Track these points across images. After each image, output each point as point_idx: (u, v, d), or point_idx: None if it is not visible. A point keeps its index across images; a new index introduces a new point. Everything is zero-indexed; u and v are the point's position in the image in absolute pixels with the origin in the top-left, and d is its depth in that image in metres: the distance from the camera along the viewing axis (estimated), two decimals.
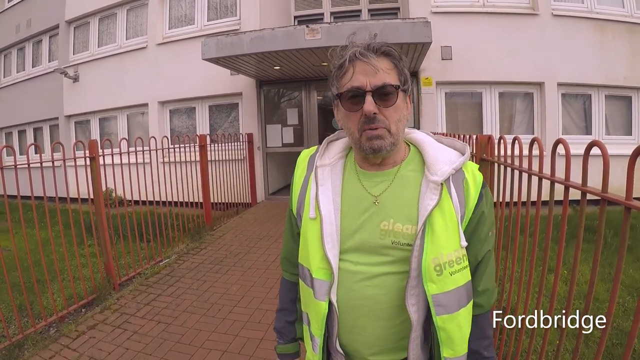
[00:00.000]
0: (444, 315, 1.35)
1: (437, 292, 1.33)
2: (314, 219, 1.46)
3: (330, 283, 1.43)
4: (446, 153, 1.49)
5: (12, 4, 16.43)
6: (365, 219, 1.43)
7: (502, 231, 3.60)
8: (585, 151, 2.07)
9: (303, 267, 1.55)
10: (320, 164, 1.54)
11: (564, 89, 10.36)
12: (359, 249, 1.43)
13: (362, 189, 1.47)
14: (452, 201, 1.37)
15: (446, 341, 1.37)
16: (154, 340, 4.43)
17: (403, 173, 1.48)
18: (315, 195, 1.48)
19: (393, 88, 1.37)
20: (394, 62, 1.42)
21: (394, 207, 1.42)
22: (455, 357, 1.39)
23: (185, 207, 8.02)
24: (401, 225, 1.38)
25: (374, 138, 1.36)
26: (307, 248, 1.49)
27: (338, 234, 1.44)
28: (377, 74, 1.36)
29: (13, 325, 4.80)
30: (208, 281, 5.97)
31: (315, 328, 1.51)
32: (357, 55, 1.38)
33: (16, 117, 16.04)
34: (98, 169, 5.67)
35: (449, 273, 1.34)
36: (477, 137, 4.13)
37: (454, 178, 1.41)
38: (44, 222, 5.56)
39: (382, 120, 1.36)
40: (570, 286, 2.34)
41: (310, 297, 1.52)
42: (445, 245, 1.34)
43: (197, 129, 12.39)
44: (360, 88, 1.35)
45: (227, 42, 8.57)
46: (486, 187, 1.49)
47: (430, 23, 7.71)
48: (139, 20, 13.08)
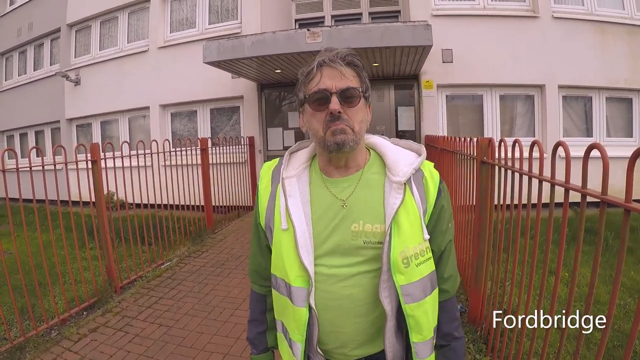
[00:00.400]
0: (412, 304, 1.47)
1: (405, 282, 1.46)
2: (287, 229, 1.53)
3: (308, 290, 1.50)
4: (405, 155, 1.60)
5: (13, 7, 16.44)
6: (337, 224, 1.52)
7: (502, 233, 3.61)
8: (585, 154, 2.09)
9: (277, 277, 1.61)
10: (286, 176, 1.61)
11: (565, 92, 10.35)
12: (333, 252, 1.51)
13: (330, 195, 1.56)
14: (414, 199, 1.51)
15: (415, 327, 1.50)
16: (155, 343, 4.44)
17: (367, 176, 1.58)
18: (285, 207, 1.54)
19: (356, 91, 1.48)
20: (357, 71, 1.53)
21: (362, 209, 1.52)
22: (423, 341, 1.53)
23: (186, 210, 8.02)
24: (371, 226, 1.49)
25: (338, 132, 1.45)
26: (282, 259, 1.55)
27: (311, 242, 1.52)
28: (342, 78, 1.47)
29: (15, 328, 4.80)
30: (209, 284, 5.98)
31: (296, 334, 1.56)
32: (325, 62, 1.49)
33: (18, 120, 16.04)
34: (100, 172, 5.68)
35: (415, 265, 1.47)
36: (478, 139, 4.15)
37: (415, 177, 1.54)
38: (46, 225, 5.57)
39: (346, 119, 1.46)
40: (570, 288, 2.35)
41: (286, 305, 1.58)
42: (411, 240, 1.47)
43: (199, 132, 12.39)
44: (327, 90, 1.46)
45: (228, 45, 8.58)
46: (443, 183, 1.62)
47: (431, 26, 7.72)
48: (141, 23, 13.09)
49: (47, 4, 14.82)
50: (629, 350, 1.91)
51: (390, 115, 10.99)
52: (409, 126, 10.86)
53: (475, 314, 4.26)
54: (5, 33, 16.58)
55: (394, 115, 10.98)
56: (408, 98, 10.94)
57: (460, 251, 5.36)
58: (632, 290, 5.08)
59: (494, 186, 3.88)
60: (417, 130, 10.64)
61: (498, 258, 3.75)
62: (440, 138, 6.73)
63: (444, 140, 6.35)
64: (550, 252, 2.66)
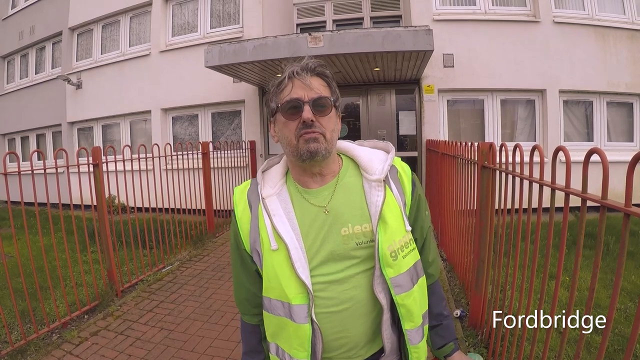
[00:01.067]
0: (402, 294, 1.53)
1: (394, 274, 1.51)
2: (277, 249, 1.51)
3: (309, 305, 1.49)
4: (375, 154, 1.65)
5: (15, 10, 16.47)
6: (326, 232, 1.52)
7: (503, 238, 3.61)
8: (585, 158, 2.09)
9: (271, 299, 1.57)
10: (266, 195, 1.60)
11: (566, 96, 10.36)
12: (328, 260, 1.51)
13: (311, 206, 1.56)
14: (393, 194, 1.57)
15: (407, 315, 1.55)
16: (156, 346, 4.45)
17: (343, 180, 1.60)
18: (271, 226, 1.53)
19: (328, 100, 1.51)
20: (327, 81, 1.56)
21: (347, 212, 1.54)
22: (415, 327, 1.58)
23: (187, 214, 8.04)
24: (360, 227, 1.52)
25: (310, 141, 1.47)
26: (277, 279, 1.52)
27: (305, 256, 1.50)
28: (313, 88, 1.49)
29: (16, 331, 4.80)
30: (211, 288, 5.99)
31: (300, 351, 1.54)
32: (296, 73, 1.51)
33: (19, 123, 16.06)
34: (101, 175, 5.69)
35: (402, 257, 1.53)
36: (479, 144, 4.16)
37: (390, 173, 1.60)
38: (47, 229, 5.58)
39: (318, 127, 1.47)
40: (571, 291, 2.36)
41: (284, 325, 1.55)
42: (396, 233, 1.52)
43: (200, 136, 12.42)
44: (300, 99, 1.47)
45: (230, 49, 8.60)
46: (414, 174, 1.69)
47: (432, 31, 7.74)
48: (142, 27, 13.12)
49: (49, 8, 14.88)
50: (629, 354, 1.92)
51: (391, 119, 11.00)
52: (410, 131, 10.88)
53: (476, 318, 4.26)
54: (7, 36, 16.62)
55: (395, 120, 10.99)
56: (409, 102, 10.96)
57: (461, 256, 5.36)
58: (632, 295, 5.08)
59: (494, 191, 3.89)
60: (418, 135, 10.65)
61: (499, 262, 3.75)
62: (442, 142, 6.74)
63: (445, 144, 6.36)
64: (551, 256, 2.67)
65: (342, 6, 12.28)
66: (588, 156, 2.08)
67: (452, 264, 6.10)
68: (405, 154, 10.61)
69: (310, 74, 1.51)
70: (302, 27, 12.55)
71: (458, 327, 4.41)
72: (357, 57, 8.25)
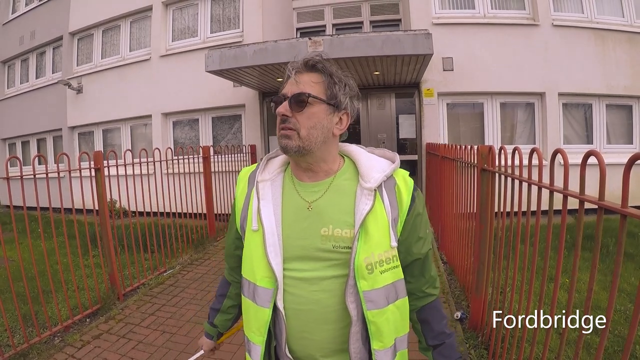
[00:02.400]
0: (373, 310, 1.49)
1: (368, 288, 1.47)
2: (257, 230, 1.56)
3: (273, 290, 1.53)
4: (378, 162, 1.62)
5: (15, 15, 16.52)
6: (306, 227, 1.54)
7: (503, 240, 3.63)
8: (583, 161, 2.12)
9: (244, 279, 1.65)
10: (260, 179, 1.64)
11: (565, 99, 10.39)
12: (303, 257, 1.53)
13: (299, 199, 1.58)
14: (384, 205, 1.52)
15: (376, 334, 1.51)
16: (158, 350, 4.46)
17: (338, 182, 1.59)
18: (257, 209, 1.58)
19: (305, 96, 1.48)
20: (323, 76, 1.54)
21: (331, 213, 1.53)
22: (384, 348, 1.53)
23: (188, 218, 8.05)
24: (340, 230, 1.50)
25: (282, 137, 1.50)
26: (251, 259, 1.59)
27: (280, 243, 1.54)
28: (299, 85, 1.50)
29: (18, 335, 4.80)
30: (212, 292, 5.99)
31: (256, 335, 1.60)
32: (291, 68, 1.55)
33: (20, 128, 16.07)
34: (103, 180, 5.71)
35: (379, 272, 1.49)
36: (479, 147, 4.18)
37: (386, 184, 1.56)
38: (49, 233, 5.59)
39: (293, 123, 1.48)
40: (569, 292, 2.38)
41: (249, 307, 1.63)
42: (377, 246, 1.49)
43: (200, 140, 12.44)
44: (285, 94, 1.52)
45: (230, 54, 8.63)
46: (418, 190, 1.64)
47: (431, 35, 7.78)
48: (143, 32, 13.16)
49: (50, 13, 14.91)
50: (626, 354, 1.93)
51: (391, 123, 11.03)
52: (410, 134, 10.90)
53: (476, 320, 4.28)
54: (7, 41, 16.65)
55: (395, 123, 11.02)
56: (409, 106, 10.98)
57: (461, 258, 5.38)
58: (632, 296, 5.08)
59: (494, 193, 3.91)
60: (418, 138, 10.68)
61: (499, 265, 3.77)
62: (441, 146, 6.76)
63: (445, 147, 6.38)
64: (550, 258, 2.69)
65: (342, 10, 12.30)
66: (585, 158, 2.11)
67: (452, 267, 6.12)
68: (405, 157, 10.62)
69: (304, 69, 1.54)
70: (301, 32, 12.57)
71: (458, 329, 4.42)
72: (357, 61, 8.28)
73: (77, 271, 6.43)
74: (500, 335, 3.52)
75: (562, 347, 2.47)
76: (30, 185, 4.57)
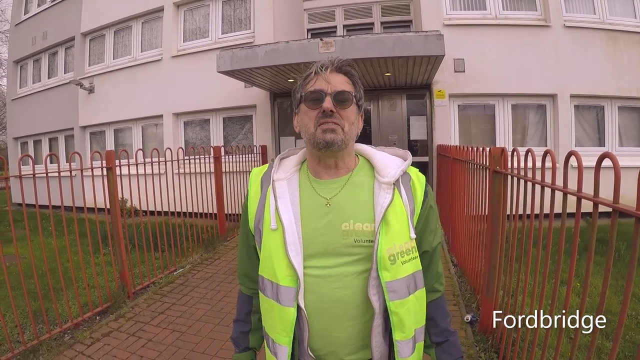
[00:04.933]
0: (396, 301, 1.51)
1: (390, 279, 1.50)
2: (276, 229, 1.56)
3: (296, 289, 1.52)
4: (392, 159, 1.68)
5: (28, 16, 16.67)
6: (326, 223, 1.55)
7: (515, 243, 3.61)
8: (597, 163, 2.11)
9: (264, 278, 1.63)
10: (277, 178, 1.66)
11: (577, 101, 10.32)
12: (324, 253, 1.54)
13: (317, 196, 1.60)
14: (402, 199, 1.57)
15: (398, 325, 1.53)
16: (168, 348, 4.48)
17: (355, 179, 1.63)
18: (275, 208, 1.59)
19: (350, 95, 1.56)
20: (352, 79, 1.62)
21: (351, 208, 1.56)
22: (406, 339, 1.56)
23: (199, 218, 8.09)
24: (361, 224, 1.53)
25: (328, 131, 1.52)
26: (271, 259, 1.58)
27: (300, 241, 1.55)
28: (337, 83, 1.56)
29: (28, 331, 4.85)
30: (222, 291, 6.02)
31: (282, 336, 1.58)
32: (322, 67, 1.58)
33: (31, 127, 16.21)
34: (115, 179, 5.73)
35: (400, 262, 1.52)
36: (491, 149, 4.17)
37: (402, 179, 1.62)
38: (59, 231, 5.61)
39: (337, 118, 1.53)
40: (582, 297, 2.36)
41: (272, 307, 1.60)
42: (398, 238, 1.52)
43: (211, 140, 12.47)
44: (322, 91, 1.53)
45: (242, 55, 8.66)
46: (428, 186, 1.70)
47: (443, 36, 7.76)
48: (154, 33, 13.22)
49: (62, 13, 15.03)
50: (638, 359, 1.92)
51: (402, 124, 11.00)
52: (421, 136, 10.87)
53: (486, 323, 4.25)
54: (19, 41, 16.82)
55: (406, 125, 10.99)
56: (420, 107, 10.96)
57: (472, 261, 5.36)
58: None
59: (506, 196, 3.89)
60: (429, 140, 10.66)
61: (510, 268, 3.75)
62: (453, 147, 6.74)
63: (456, 149, 6.36)
64: (562, 262, 2.67)
65: (353, 11, 12.33)
66: (600, 160, 2.09)
67: (462, 269, 6.10)
68: (416, 159, 10.55)
69: (336, 70, 1.58)
70: (312, 32, 12.61)
71: (468, 332, 4.40)
72: (369, 62, 8.27)
73: (88, 269, 6.48)
74: (511, 339, 3.51)
75: (573, 352, 2.46)
76: (42, 184, 4.59)
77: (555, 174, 2.74)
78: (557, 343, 2.64)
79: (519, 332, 3.33)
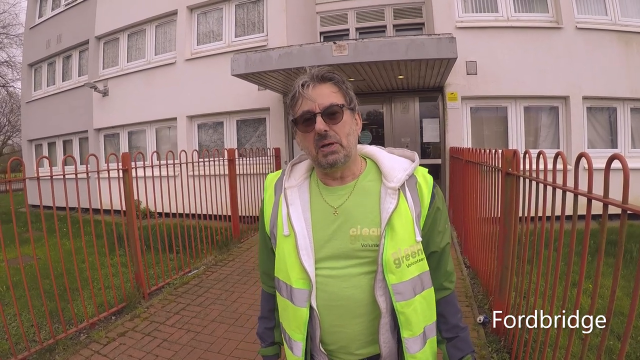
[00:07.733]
0: (402, 302, 1.56)
1: (396, 281, 1.54)
2: (288, 235, 1.63)
3: (309, 291, 1.60)
4: (399, 162, 1.69)
5: (42, 19, 16.87)
6: (335, 229, 1.61)
7: (527, 245, 3.63)
8: (607, 164, 2.13)
9: (279, 280, 1.71)
10: (288, 186, 1.72)
11: (589, 103, 10.27)
12: (334, 256, 1.60)
13: (324, 204, 1.66)
14: (407, 203, 1.60)
15: (405, 324, 1.58)
16: (183, 348, 4.52)
17: (362, 184, 1.66)
18: (287, 214, 1.65)
19: (338, 107, 1.56)
20: (338, 85, 1.62)
21: (358, 214, 1.60)
22: (413, 337, 1.60)
23: (213, 220, 8.13)
24: (368, 230, 1.57)
25: (329, 154, 1.55)
26: (285, 263, 1.65)
27: (312, 246, 1.61)
28: (323, 97, 1.56)
29: (44, 330, 4.92)
30: (236, 292, 6.06)
31: (296, 333, 1.67)
32: (305, 83, 1.58)
33: (46, 129, 16.38)
34: (130, 181, 5.79)
35: (406, 265, 1.55)
36: (503, 151, 4.18)
37: (408, 183, 1.64)
38: (76, 232, 5.67)
39: (333, 136, 1.55)
40: (592, 297, 2.38)
41: (287, 306, 1.69)
42: (403, 242, 1.55)
43: (225, 143, 12.53)
44: (311, 111, 1.55)
45: (255, 58, 8.71)
46: (437, 187, 1.70)
47: (455, 39, 7.77)
48: (168, 36, 13.32)
49: (76, 17, 15.20)
50: None
51: (415, 127, 11.03)
52: (433, 138, 10.89)
53: (498, 324, 4.26)
54: (34, 45, 17.01)
55: (419, 127, 11.02)
56: (433, 110, 10.98)
57: (484, 262, 5.37)
58: None
59: (519, 198, 3.90)
60: (441, 142, 10.65)
61: (522, 269, 3.77)
62: (465, 150, 6.74)
63: (468, 152, 6.36)
64: (574, 264, 2.69)
65: (365, 14, 12.34)
66: (609, 162, 2.12)
67: (475, 271, 6.10)
68: (428, 161, 10.62)
69: (319, 81, 1.59)
70: (325, 36, 12.63)
71: (481, 333, 4.41)
72: (382, 65, 8.30)
73: (104, 270, 6.54)
74: (523, 340, 3.52)
75: (584, 352, 2.47)
76: (57, 186, 4.64)
77: (566, 175, 2.75)
78: (568, 344, 2.65)
79: (531, 332, 3.35)
